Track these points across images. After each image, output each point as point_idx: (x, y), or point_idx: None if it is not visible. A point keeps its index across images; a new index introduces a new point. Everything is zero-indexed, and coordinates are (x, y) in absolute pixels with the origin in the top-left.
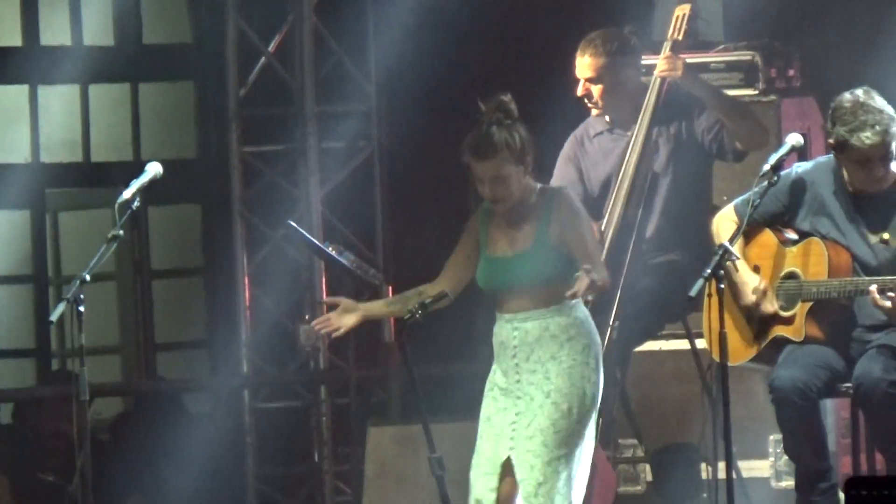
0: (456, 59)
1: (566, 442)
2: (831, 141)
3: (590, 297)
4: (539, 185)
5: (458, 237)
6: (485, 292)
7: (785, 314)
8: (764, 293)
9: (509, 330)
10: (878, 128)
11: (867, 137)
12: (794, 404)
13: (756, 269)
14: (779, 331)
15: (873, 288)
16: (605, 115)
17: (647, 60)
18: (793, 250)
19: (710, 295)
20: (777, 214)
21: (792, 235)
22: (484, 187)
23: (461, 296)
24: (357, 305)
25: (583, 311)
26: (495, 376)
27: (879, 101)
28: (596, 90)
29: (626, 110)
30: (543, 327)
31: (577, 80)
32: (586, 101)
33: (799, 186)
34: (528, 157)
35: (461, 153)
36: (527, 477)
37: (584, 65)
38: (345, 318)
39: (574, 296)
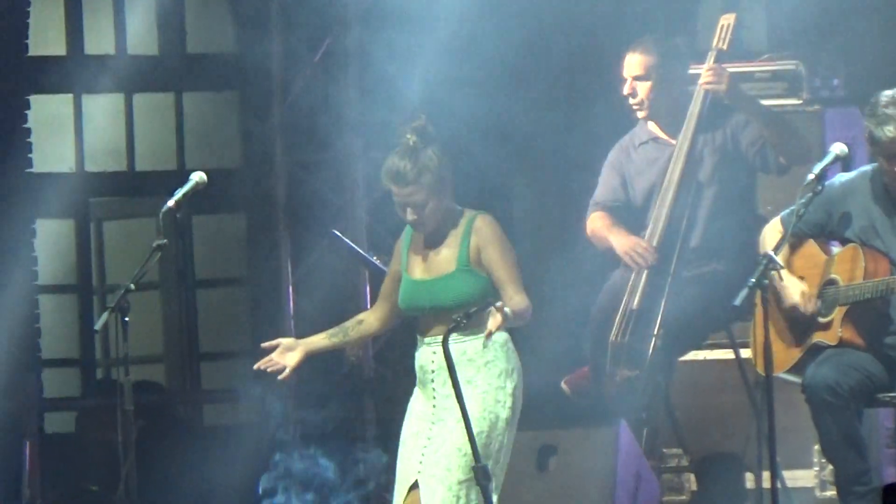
0: (499, 69)
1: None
2: (866, 134)
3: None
4: (461, 209)
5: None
6: (406, 314)
7: (823, 320)
8: (807, 296)
9: (429, 353)
10: None
11: (889, 131)
12: (825, 402)
13: (801, 280)
14: (817, 337)
15: None
16: (650, 118)
17: (691, 70)
18: (835, 258)
19: (754, 304)
20: (821, 224)
21: (835, 247)
22: (405, 213)
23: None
24: (297, 342)
25: (502, 335)
26: (415, 401)
27: None
28: (643, 89)
29: (670, 115)
30: (461, 351)
31: (623, 80)
32: (630, 100)
33: (840, 196)
34: (447, 179)
35: (381, 179)
36: (428, 502)
37: (634, 62)
38: (287, 357)
39: (489, 336)
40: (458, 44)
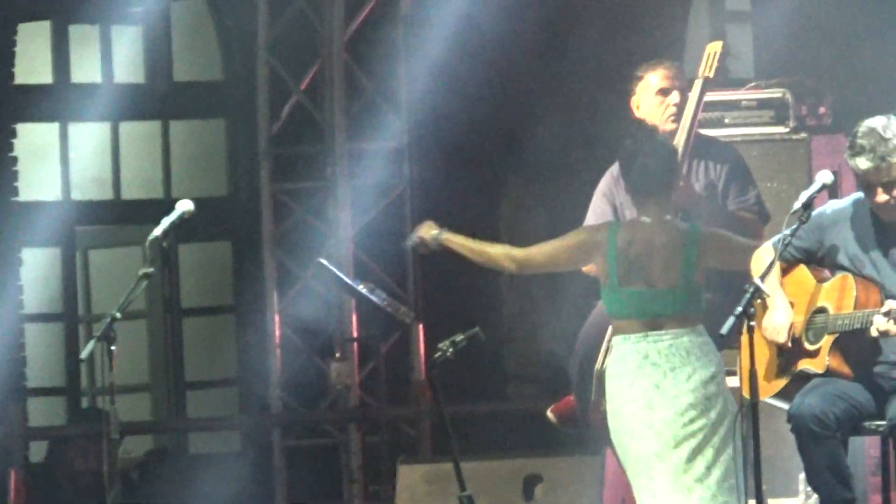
0: (486, 96)
1: None
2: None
3: None
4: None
5: (486, 274)
6: None
7: (811, 348)
8: (789, 327)
9: None
10: (873, 154)
11: (861, 162)
12: (811, 432)
13: (791, 306)
14: (803, 364)
15: (883, 309)
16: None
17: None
18: (825, 286)
19: (741, 333)
20: (811, 251)
21: (827, 274)
22: None
23: (489, 336)
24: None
25: None
26: None
27: (894, 131)
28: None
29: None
30: None
31: (636, 99)
32: (673, 109)
33: (832, 223)
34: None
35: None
36: None
37: (670, 75)
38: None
39: None
40: (445, 70)
